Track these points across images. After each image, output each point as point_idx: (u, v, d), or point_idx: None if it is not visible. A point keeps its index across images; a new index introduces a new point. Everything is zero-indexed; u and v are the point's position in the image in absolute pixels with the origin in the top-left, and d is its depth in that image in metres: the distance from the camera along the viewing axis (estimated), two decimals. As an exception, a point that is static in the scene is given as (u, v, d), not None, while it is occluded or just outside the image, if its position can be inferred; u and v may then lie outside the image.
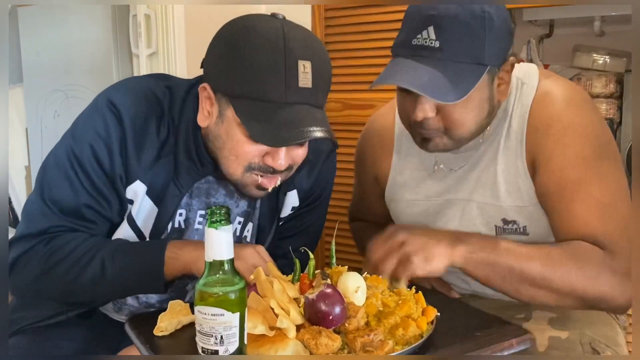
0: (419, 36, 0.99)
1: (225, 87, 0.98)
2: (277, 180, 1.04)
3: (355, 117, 2.16)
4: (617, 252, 0.97)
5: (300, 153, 1.03)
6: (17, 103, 2.96)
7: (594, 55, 2.03)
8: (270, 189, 1.05)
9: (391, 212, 1.30)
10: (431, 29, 0.98)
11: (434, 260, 0.94)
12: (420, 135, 1.08)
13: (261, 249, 1.03)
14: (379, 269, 0.95)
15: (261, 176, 1.02)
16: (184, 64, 2.27)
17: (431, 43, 0.98)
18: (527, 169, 1.07)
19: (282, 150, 0.99)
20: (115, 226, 1.08)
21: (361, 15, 2.13)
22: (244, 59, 0.95)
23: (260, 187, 1.03)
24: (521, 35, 2.26)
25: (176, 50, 2.24)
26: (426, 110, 1.02)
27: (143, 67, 2.31)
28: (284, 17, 1.00)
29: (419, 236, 0.96)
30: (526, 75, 1.11)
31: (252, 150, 0.99)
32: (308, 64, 0.95)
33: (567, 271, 0.96)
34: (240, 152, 0.99)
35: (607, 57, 2.01)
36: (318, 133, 0.94)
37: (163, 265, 1.00)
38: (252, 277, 0.91)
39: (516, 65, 1.10)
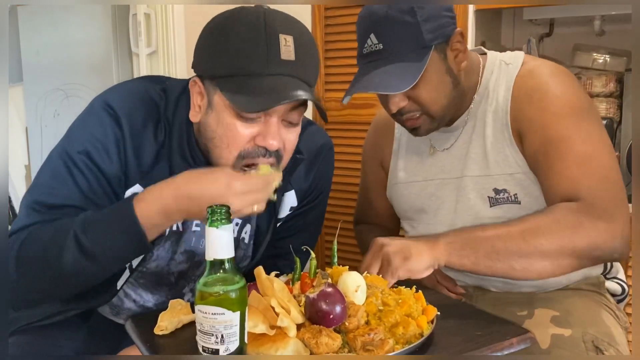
0: (366, 45, 1.11)
1: (211, 70, 0.99)
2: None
3: (355, 116, 2.17)
4: (597, 200, 1.02)
5: (290, 138, 1.02)
6: (17, 102, 2.96)
7: (594, 54, 2.03)
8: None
9: (392, 199, 1.35)
10: (372, 36, 1.10)
11: (411, 259, 1.00)
12: (407, 125, 1.18)
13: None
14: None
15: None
16: (184, 62, 2.27)
17: (376, 47, 1.10)
18: (512, 137, 1.13)
19: (273, 126, 0.98)
20: None
21: (361, 14, 2.13)
22: (226, 39, 0.96)
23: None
24: (521, 34, 2.27)
25: (176, 49, 2.24)
26: (396, 102, 1.12)
27: (143, 66, 2.31)
28: (268, 7, 1.00)
29: (396, 240, 1.03)
30: (511, 58, 1.20)
31: (243, 134, 0.98)
32: (290, 38, 0.96)
33: (547, 229, 1.00)
34: (231, 137, 0.98)
35: (607, 56, 2.01)
36: (302, 95, 0.94)
37: (135, 216, 0.92)
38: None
39: (503, 53, 1.22)
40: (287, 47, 0.95)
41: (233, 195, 0.90)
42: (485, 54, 1.23)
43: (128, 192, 1.04)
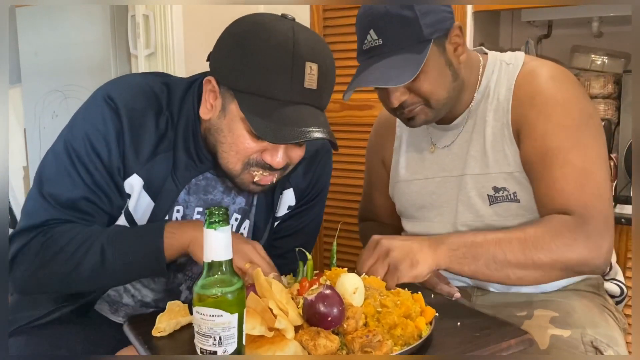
0: (366, 41, 1.12)
1: (231, 81, 1.00)
2: (274, 178, 1.06)
3: (353, 117, 2.16)
4: (590, 217, 1.04)
5: (298, 153, 1.05)
6: (15, 103, 2.96)
7: (592, 56, 2.03)
8: (266, 186, 1.07)
9: (394, 197, 1.36)
10: (372, 32, 1.10)
11: (418, 266, 1.01)
12: (404, 116, 1.18)
13: (259, 246, 1.04)
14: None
15: (258, 172, 1.03)
16: (183, 64, 2.26)
17: (375, 43, 1.11)
18: (512, 136, 1.14)
19: (281, 149, 1.01)
20: (114, 220, 1.09)
21: (360, 15, 2.13)
22: (253, 56, 0.97)
23: (256, 183, 1.05)
24: (519, 35, 2.27)
25: (174, 50, 2.24)
26: (397, 96, 1.13)
27: (141, 68, 2.30)
28: (294, 19, 1.02)
29: (402, 243, 1.03)
30: (512, 58, 1.20)
31: (252, 146, 1.01)
32: (315, 66, 0.98)
33: (545, 244, 1.02)
34: (241, 147, 1.01)
35: (605, 57, 2.01)
36: (318, 134, 0.96)
37: (163, 246, 0.99)
38: (247, 265, 0.96)
39: (503, 53, 1.23)
40: (311, 76, 0.97)
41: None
42: (486, 53, 1.24)
43: (126, 183, 1.06)
